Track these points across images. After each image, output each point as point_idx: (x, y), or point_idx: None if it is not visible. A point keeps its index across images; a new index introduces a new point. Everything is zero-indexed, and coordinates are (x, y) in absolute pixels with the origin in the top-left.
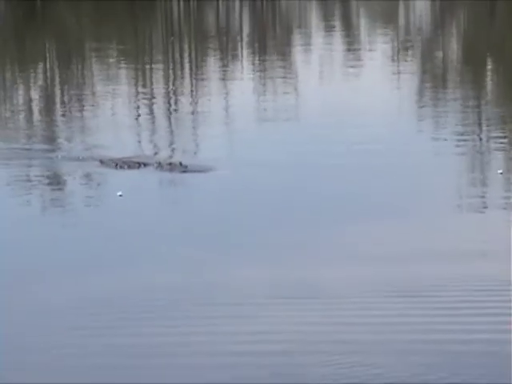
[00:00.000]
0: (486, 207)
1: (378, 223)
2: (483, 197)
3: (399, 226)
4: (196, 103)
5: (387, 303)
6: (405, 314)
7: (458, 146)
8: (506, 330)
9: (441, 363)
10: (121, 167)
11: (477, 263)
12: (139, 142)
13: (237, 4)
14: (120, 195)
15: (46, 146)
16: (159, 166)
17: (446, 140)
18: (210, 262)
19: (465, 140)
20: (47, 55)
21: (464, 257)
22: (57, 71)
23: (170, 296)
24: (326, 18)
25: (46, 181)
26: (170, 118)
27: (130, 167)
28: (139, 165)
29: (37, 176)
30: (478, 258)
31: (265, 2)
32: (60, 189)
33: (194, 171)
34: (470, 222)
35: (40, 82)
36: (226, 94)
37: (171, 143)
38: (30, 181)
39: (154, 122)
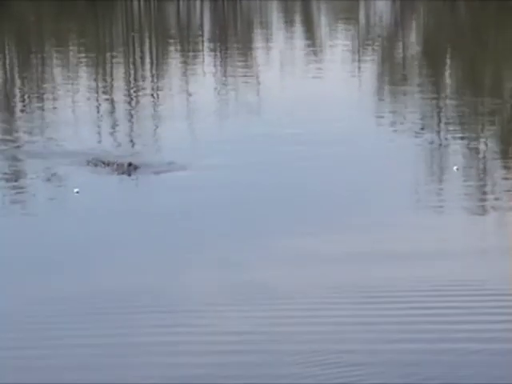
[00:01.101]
0: (441, 205)
1: (334, 222)
2: (439, 194)
3: (355, 225)
4: (157, 100)
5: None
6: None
7: (416, 141)
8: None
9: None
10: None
11: (432, 263)
12: (99, 140)
13: (198, 3)
14: (77, 192)
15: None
16: (116, 165)
17: (403, 135)
18: (159, 265)
19: (423, 135)
20: (6, 51)
21: (418, 256)
22: (16, 68)
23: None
24: (287, 16)
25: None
26: (130, 115)
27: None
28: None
29: None
30: (434, 257)
31: (226, 2)
32: (19, 183)
33: (147, 172)
34: (425, 221)
35: None
36: (187, 90)
37: (129, 141)
38: None
39: (114, 119)
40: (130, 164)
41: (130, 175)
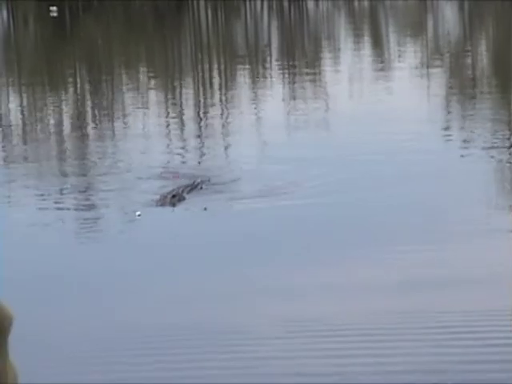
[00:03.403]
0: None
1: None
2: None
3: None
4: (226, 122)
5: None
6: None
7: (484, 157)
8: None
9: None
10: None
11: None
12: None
13: (265, 18)
14: (139, 215)
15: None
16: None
17: (472, 151)
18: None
19: (492, 151)
20: (77, 76)
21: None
22: (87, 91)
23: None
24: (355, 30)
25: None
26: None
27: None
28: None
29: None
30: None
31: (292, 17)
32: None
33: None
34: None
35: (71, 101)
36: (256, 111)
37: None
38: (60, 193)
39: (183, 141)
40: (173, 196)
41: (174, 206)
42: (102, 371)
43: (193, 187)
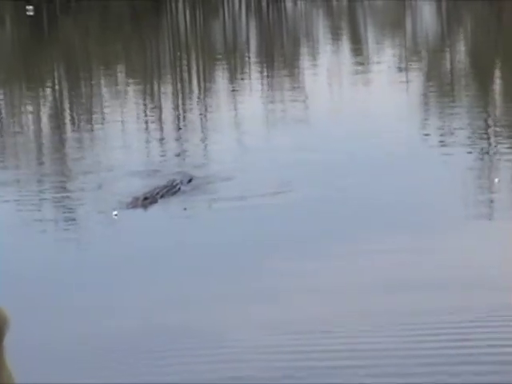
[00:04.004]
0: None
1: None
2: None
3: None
4: (205, 120)
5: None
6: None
7: (461, 152)
8: None
9: None
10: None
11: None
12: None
13: (243, 18)
14: (115, 215)
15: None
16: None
17: (449, 147)
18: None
19: (468, 146)
20: (55, 75)
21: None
22: (65, 91)
23: None
24: (333, 28)
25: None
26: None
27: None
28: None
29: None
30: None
31: (271, 14)
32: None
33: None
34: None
35: (48, 100)
36: (235, 109)
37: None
38: (37, 192)
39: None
40: (145, 198)
41: (146, 208)
42: (85, 373)
43: (171, 188)
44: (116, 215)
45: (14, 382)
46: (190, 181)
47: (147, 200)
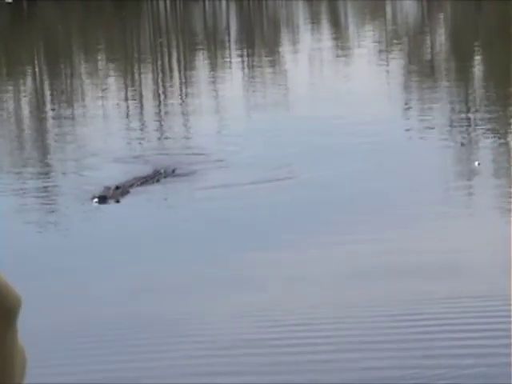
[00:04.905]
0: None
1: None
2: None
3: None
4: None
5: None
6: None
7: (441, 137)
8: None
9: None
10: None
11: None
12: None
13: (223, 3)
14: (96, 202)
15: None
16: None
17: (428, 130)
18: None
19: (448, 131)
20: (35, 60)
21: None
22: (45, 76)
23: None
24: (313, 14)
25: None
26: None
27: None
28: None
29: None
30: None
31: (251, 1)
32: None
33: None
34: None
35: (29, 86)
36: (216, 93)
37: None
38: (17, 179)
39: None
40: (117, 187)
41: (117, 199)
42: (56, 364)
43: (149, 179)
44: (97, 202)
45: (25, 365)
46: (173, 171)
47: (118, 190)
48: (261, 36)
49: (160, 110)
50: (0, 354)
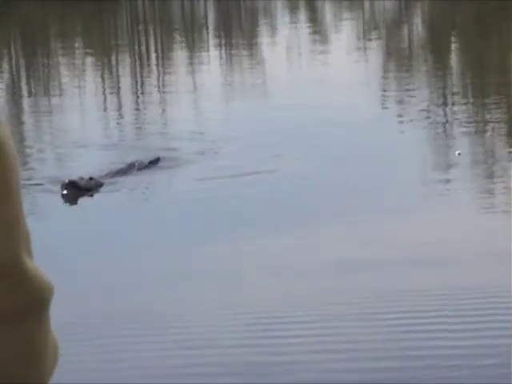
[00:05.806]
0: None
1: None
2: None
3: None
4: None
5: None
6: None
7: (419, 125)
8: None
9: None
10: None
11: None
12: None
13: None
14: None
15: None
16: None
17: (406, 119)
18: None
19: (426, 118)
20: (12, 51)
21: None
22: (22, 67)
23: None
24: (292, 4)
25: None
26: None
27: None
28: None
29: None
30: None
31: None
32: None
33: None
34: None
35: (6, 73)
36: (194, 82)
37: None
38: None
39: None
40: (90, 178)
41: (89, 190)
42: None
43: (128, 169)
44: (66, 189)
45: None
46: (151, 162)
47: (92, 180)
48: (238, 25)
49: (139, 100)
50: (35, 343)
